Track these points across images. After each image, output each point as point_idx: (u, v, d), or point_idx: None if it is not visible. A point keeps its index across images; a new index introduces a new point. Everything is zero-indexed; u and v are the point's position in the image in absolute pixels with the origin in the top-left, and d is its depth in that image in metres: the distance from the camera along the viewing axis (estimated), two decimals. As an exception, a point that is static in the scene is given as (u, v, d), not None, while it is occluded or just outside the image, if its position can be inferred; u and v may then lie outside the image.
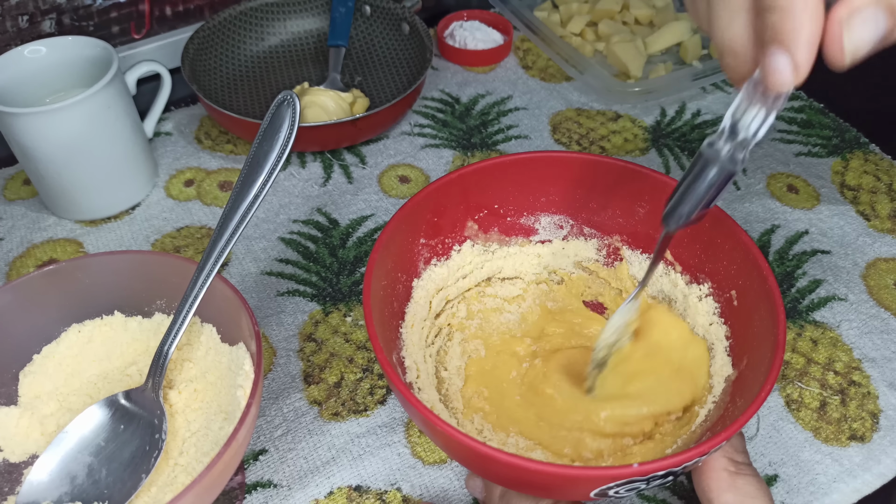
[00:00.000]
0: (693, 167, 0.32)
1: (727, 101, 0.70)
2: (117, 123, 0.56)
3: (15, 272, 0.55)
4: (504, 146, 0.66)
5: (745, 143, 0.31)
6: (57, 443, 0.39)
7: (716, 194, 0.32)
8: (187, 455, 0.40)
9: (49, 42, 0.57)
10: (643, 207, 0.46)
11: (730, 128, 0.31)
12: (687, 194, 0.33)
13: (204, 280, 0.39)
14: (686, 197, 0.33)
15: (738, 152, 0.31)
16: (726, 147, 0.31)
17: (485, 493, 0.41)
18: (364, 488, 0.43)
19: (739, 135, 0.31)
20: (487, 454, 0.31)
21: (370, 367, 0.49)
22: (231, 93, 0.70)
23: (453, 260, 0.47)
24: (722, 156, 0.31)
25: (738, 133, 0.31)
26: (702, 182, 0.32)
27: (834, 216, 0.59)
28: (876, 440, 0.45)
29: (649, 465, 0.31)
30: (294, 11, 0.76)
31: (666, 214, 0.34)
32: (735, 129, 0.31)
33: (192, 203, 0.61)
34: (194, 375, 0.43)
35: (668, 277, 0.46)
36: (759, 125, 0.30)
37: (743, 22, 0.29)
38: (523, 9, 0.77)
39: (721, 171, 0.31)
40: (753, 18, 0.29)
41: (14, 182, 0.63)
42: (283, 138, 0.40)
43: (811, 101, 0.70)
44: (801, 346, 0.50)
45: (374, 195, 0.61)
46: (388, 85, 0.71)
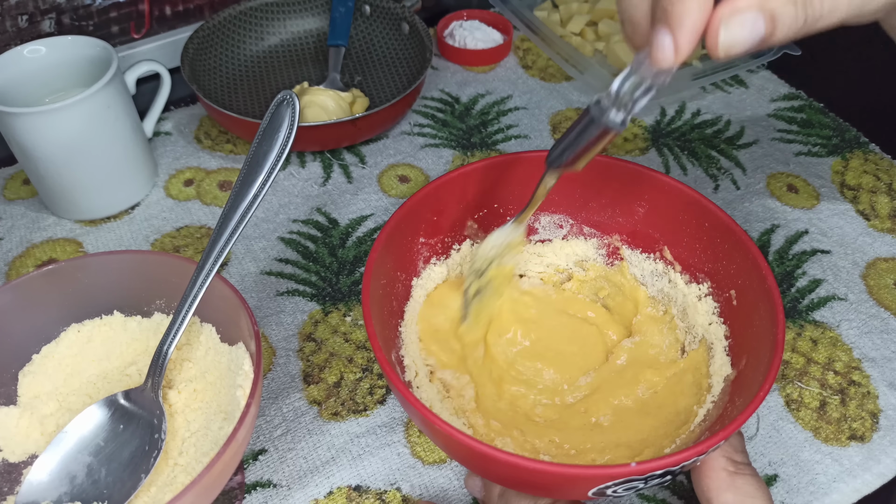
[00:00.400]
0: (579, 120, 0.35)
1: (727, 100, 0.70)
2: (117, 123, 0.56)
3: (14, 272, 0.55)
4: (504, 146, 0.66)
5: (626, 106, 0.34)
6: (56, 443, 0.39)
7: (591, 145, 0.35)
8: (187, 455, 0.40)
9: (49, 42, 0.57)
10: (643, 207, 0.46)
11: (616, 91, 0.34)
12: (568, 142, 0.36)
13: (203, 280, 0.39)
14: (566, 144, 0.36)
15: (620, 114, 0.34)
16: (611, 108, 0.34)
17: (484, 493, 0.41)
18: (364, 488, 0.43)
19: (623, 98, 0.33)
20: (485, 453, 0.31)
21: (370, 366, 0.49)
22: (231, 92, 0.70)
23: (453, 259, 0.47)
24: (605, 115, 0.34)
25: (622, 96, 0.33)
26: (584, 134, 0.35)
27: (834, 216, 0.59)
28: (876, 440, 0.45)
29: (647, 464, 0.31)
30: (294, 11, 0.76)
31: (548, 155, 0.38)
32: (620, 93, 0.33)
33: (191, 203, 0.61)
34: (194, 375, 0.43)
35: (667, 277, 0.46)
36: (642, 94, 0.33)
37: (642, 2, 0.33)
38: (523, 8, 0.77)
39: (599, 125, 0.34)
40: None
41: (14, 182, 0.63)
42: (282, 138, 0.40)
43: (811, 101, 0.70)
44: (801, 345, 0.50)
45: (374, 195, 0.61)
46: (388, 84, 0.71)
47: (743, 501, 0.35)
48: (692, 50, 0.30)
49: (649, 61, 0.31)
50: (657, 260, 0.46)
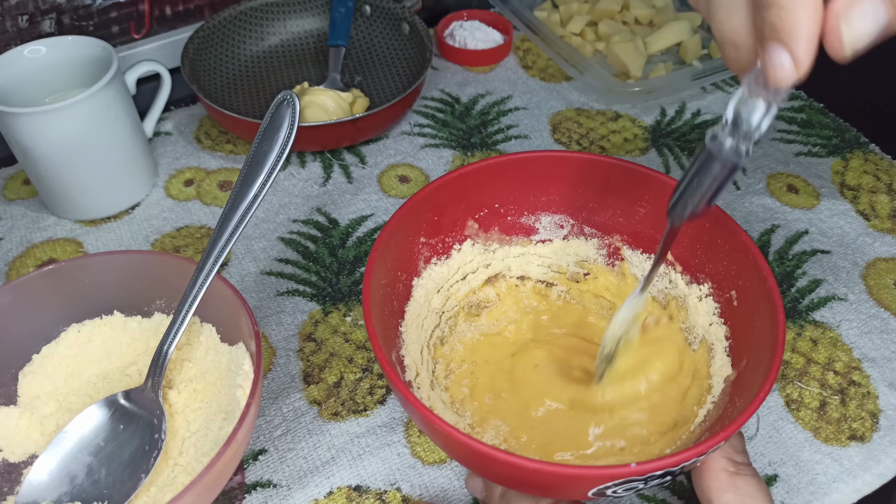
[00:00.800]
0: (696, 160, 0.32)
1: (727, 100, 0.70)
2: (117, 123, 0.56)
3: (14, 272, 0.55)
4: (504, 146, 0.66)
5: (748, 135, 0.31)
6: (56, 443, 0.39)
7: (720, 187, 0.32)
8: (187, 455, 0.40)
9: (49, 42, 0.57)
10: (644, 207, 0.46)
11: (732, 120, 0.31)
12: (691, 187, 0.33)
13: (203, 280, 0.39)
14: (690, 190, 0.33)
15: (742, 144, 0.31)
16: (729, 139, 0.31)
17: (485, 493, 0.41)
18: (364, 488, 0.43)
19: (742, 127, 0.30)
20: (486, 453, 0.31)
21: (370, 366, 0.49)
22: (231, 93, 0.70)
23: (454, 259, 0.47)
24: (725, 148, 0.31)
25: (740, 125, 0.30)
26: (706, 175, 0.32)
27: (834, 216, 0.59)
28: (876, 440, 0.45)
29: (647, 464, 0.31)
30: (294, 11, 0.76)
31: (671, 208, 0.34)
32: (738, 121, 0.30)
33: (191, 203, 0.61)
34: (194, 375, 0.43)
35: (667, 277, 0.46)
36: (762, 117, 0.30)
37: (742, 15, 0.29)
38: (523, 9, 0.77)
39: (724, 163, 0.31)
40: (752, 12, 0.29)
41: (14, 182, 0.63)
42: (282, 138, 0.40)
43: (811, 101, 0.70)
44: (801, 345, 0.50)
45: (374, 195, 0.61)
46: (388, 85, 0.71)
47: (743, 502, 0.35)
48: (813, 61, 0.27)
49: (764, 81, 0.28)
50: (657, 260, 0.46)
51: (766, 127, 0.30)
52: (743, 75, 0.30)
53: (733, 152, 0.31)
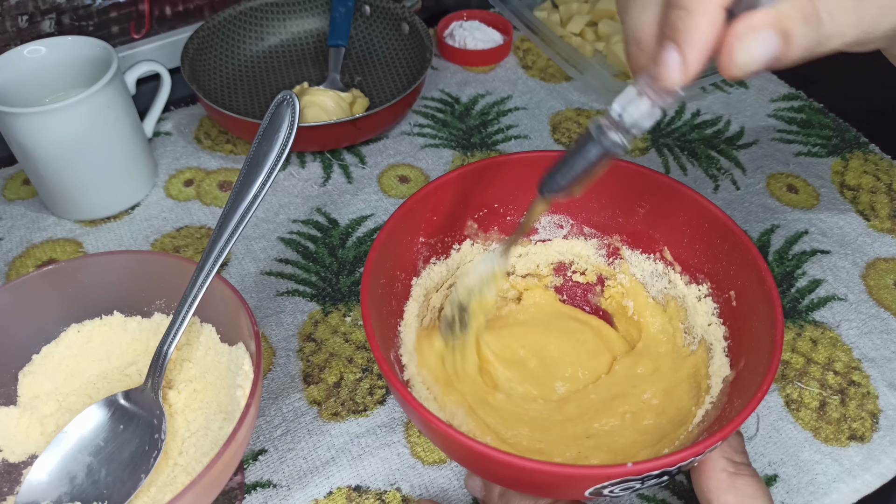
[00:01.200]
0: (577, 142, 0.34)
1: (727, 100, 0.70)
2: (117, 123, 0.56)
3: (14, 272, 0.55)
4: (504, 146, 0.66)
5: (628, 131, 0.32)
6: (56, 443, 0.39)
7: (589, 170, 0.34)
8: (187, 455, 0.40)
9: (49, 42, 0.57)
10: (643, 207, 0.46)
11: (618, 114, 0.32)
12: (565, 166, 0.35)
13: (203, 280, 0.39)
14: (564, 169, 0.35)
15: (622, 137, 0.33)
16: (611, 130, 0.33)
17: (484, 492, 0.41)
18: (363, 488, 0.43)
19: (625, 122, 0.32)
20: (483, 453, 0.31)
21: (369, 366, 0.49)
22: (231, 93, 0.70)
23: (453, 259, 0.47)
24: (605, 137, 0.33)
25: (624, 119, 0.32)
26: (582, 158, 0.34)
27: (834, 216, 0.59)
28: (875, 440, 0.45)
29: (643, 464, 0.31)
30: (294, 11, 0.76)
31: (542, 181, 0.36)
32: (622, 115, 0.32)
33: (191, 203, 0.61)
34: (194, 375, 0.43)
35: (667, 277, 0.46)
36: (645, 117, 0.32)
37: (652, 15, 0.31)
38: (523, 8, 0.77)
39: (600, 151, 0.33)
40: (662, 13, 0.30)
41: (14, 182, 0.63)
42: (282, 138, 0.40)
43: (811, 101, 0.70)
44: (801, 345, 0.50)
45: (374, 195, 0.61)
46: (388, 85, 0.71)
47: (743, 502, 0.35)
48: (700, 69, 0.29)
49: (654, 81, 0.30)
50: (657, 260, 0.46)
51: (648, 126, 0.32)
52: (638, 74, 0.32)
53: (611, 143, 0.33)
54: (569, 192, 0.36)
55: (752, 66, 0.29)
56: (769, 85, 0.72)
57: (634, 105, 0.32)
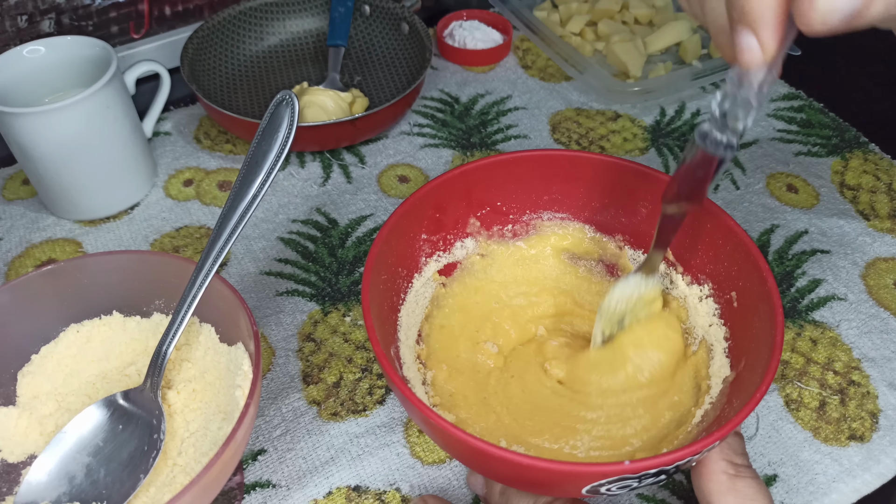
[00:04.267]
0: (688, 152, 0.34)
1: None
2: (116, 123, 0.56)
3: (14, 272, 0.55)
4: (503, 146, 0.66)
5: (735, 131, 0.32)
6: (55, 443, 0.39)
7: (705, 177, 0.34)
8: (186, 455, 0.40)
9: (48, 42, 0.57)
10: (645, 207, 0.46)
11: (719, 115, 0.32)
12: (680, 177, 0.35)
13: (202, 280, 0.39)
14: (679, 179, 0.35)
15: (725, 135, 0.32)
16: (717, 134, 0.32)
17: (485, 490, 0.41)
18: (363, 488, 0.43)
19: (728, 120, 0.32)
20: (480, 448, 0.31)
21: (369, 366, 0.49)
22: (230, 92, 0.70)
23: (455, 256, 0.47)
24: (712, 143, 0.32)
25: (727, 121, 0.32)
26: (696, 167, 0.33)
27: (833, 216, 0.59)
28: (875, 440, 0.45)
29: (640, 462, 0.31)
30: (293, 11, 0.76)
31: (664, 194, 0.37)
32: (722, 113, 0.32)
33: (190, 203, 0.61)
34: (193, 375, 0.43)
35: (668, 278, 0.46)
36: (747, 112, 0.31)
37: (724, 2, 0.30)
38: (523, 8, 0.77)
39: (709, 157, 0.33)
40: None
41: (13, 182, 0.63)
42: (281, 138, 0.40)
43: (811, 101, 0.70)
44: (801, 345, 0.50)
45: (374, 195, 0.61)
46: (388, 84, 0.71)
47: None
48: (781, 44, 0.28)
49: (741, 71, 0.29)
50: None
51: (752, 121, 0.31)
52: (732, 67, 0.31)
53: (716, 144, 0.32)
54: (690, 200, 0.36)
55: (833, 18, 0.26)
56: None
57: (730, 100, 0.31)
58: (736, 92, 0.31)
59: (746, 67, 0.29)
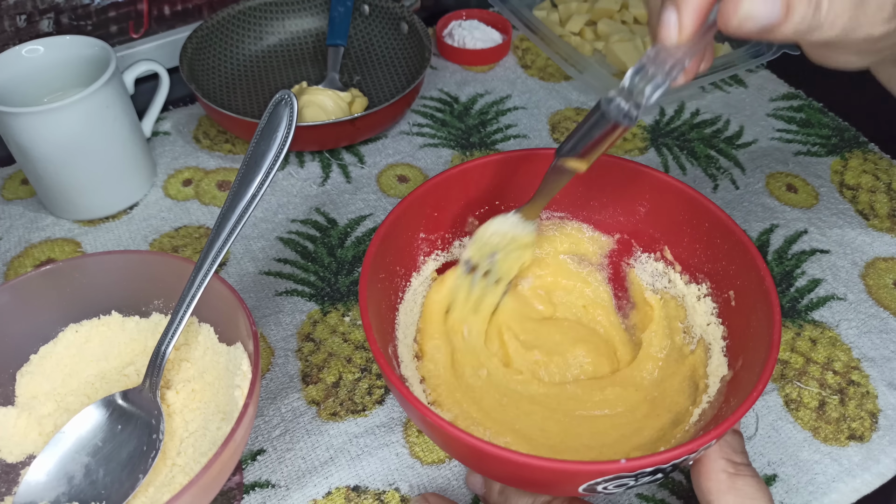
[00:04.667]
0: (590, 114, 0.35)
1: (726, 100, 0.70)
2: (115, 123, 0.55)
3: (13, 272, 0.55)
4: (503, 145, 0.66)
5: (637, 101, 0.34)
6: (54, 443, 0.39)
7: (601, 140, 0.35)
8: (185, 455, 0.40)
9: (47, 41, 0.57)
10: (644, 206, 0.46)
11: (628, 87, 0.34)
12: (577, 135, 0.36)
13: (202, 280, 0.39)
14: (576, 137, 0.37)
15: (629, 106, 0.34)
16: (621, 103, 0.34)
17: (484, 490, 0.41)
18: (362, 488, 0.43)
19: (634, 91, 0.33)
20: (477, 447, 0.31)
21: (368, 366, 0.49)
22: (229, 92, 0.70)
23: (453, 255, 0.47)
24: (614, 109, 0.34)
25: (633, 93, 0.33)
26: (593, 128, 0.35)
27: (833, 215, 0.59)
28: (875, 440, 0.45)
29: (637, 461, 0.31)
30: (293, 11, 0.76)
31: (558, 149, 0.38)
32: (633, 89, 0.33)
33: (190, 203, 0.61)
34: (192, 375, 0.43)
35: (667, 277, 0.46)
36: (653, 88, 0.33)
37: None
38: (522, 8, 0.77)
39: (608, 120, 0.34)
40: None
41: (12, 182, 0.63)
42: (280, 138, 0.40)
43: (810, 101, 0.70)
44: (800, 345, 0.50)
45: (373, 195, 0.61)
46: (387, 84, 0.71)
47: (743, 503, 0.35)
48: (696, 28, 0.31)
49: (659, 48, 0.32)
50: (657, 260, 0.46)
51: (656, 97, 0.33)
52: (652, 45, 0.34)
53: (622, 115, 0.34)
54: (579, 158, 0.37)
55: (749, 24, 0.30)
56: (768, 84, 0.72)
57: (641, 74, 0.33)
58: (649, 67, 0.33)
59: (662, 41, 0.31)
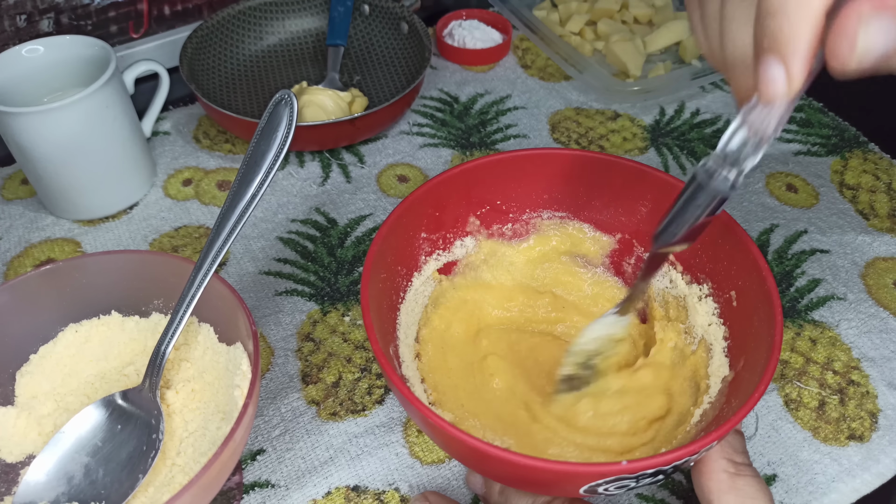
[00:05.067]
0: (686, 188, 0.33)
1: (726, 99, 0.70)
2: (115, 123, 0.55)
3: (13, 272, 0.55)
4: (503, 145, 0.66)
5: (739, 169, 0.31)
6: (54, 443, 0.39)
7: (706, 215, 0.33)
8: (185, 455, 0.40)
9: (47, 41, 0.56)
10: (645, 206, 0.46)
11: (724, 151, 0.31)
12: (678, 215, 0.33)
13: (201, 280, 0.39)
14: (677, 218, 0.33)
15: (732, 176, 0.31)
16: (720, 170, 0.31)
17: (484, 490, 0.41)
18: (362, 488, 0.43)
19: (732, 159, 0.31)
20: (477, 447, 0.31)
21: (368, 366, 0.49)
22: (229, 92, 0.70)
23: (455, 255, 0.47)
24: (714, 179, 0.31)
25: (731, 157, 0.31)
26: (692, 204, 0.32)
27: (833, 215, 0.59)
28: (875, 440, 0.45)
29: (638, 462, 0.31)
30: (293, 11, 0.76)
31: (657, 233, 0.35)
32: (729, 153, 0.31)
33: (190, 202, 0.61)
34: (192, 375, 0.43)
35: (668, 277, 0.46)
36: (753, 149, 0.30)
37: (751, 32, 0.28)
38: (522, 8, 0.77)
39: (712, 195, 0.32)
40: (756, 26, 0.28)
41: (12, 182, 0.63)
42: (280, 137, 0.40)
43: (810, 101, 0.70)
44: (800, 345, 0.50)
45: (373, 194, 0.61)
46: (387, 84, 0.71)
47: (744, 503, 0.35)
48: (807, 78, 0.26)
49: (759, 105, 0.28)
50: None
51: (756, 161, 0.30)
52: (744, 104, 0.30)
53: (722, 184, 0.31)
54: (685, 242, 0.34)
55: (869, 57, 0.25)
56: (768, 84, 0.72)
57: (743, 141, 0.30)
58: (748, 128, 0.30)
59: (770, 100, 0.27)
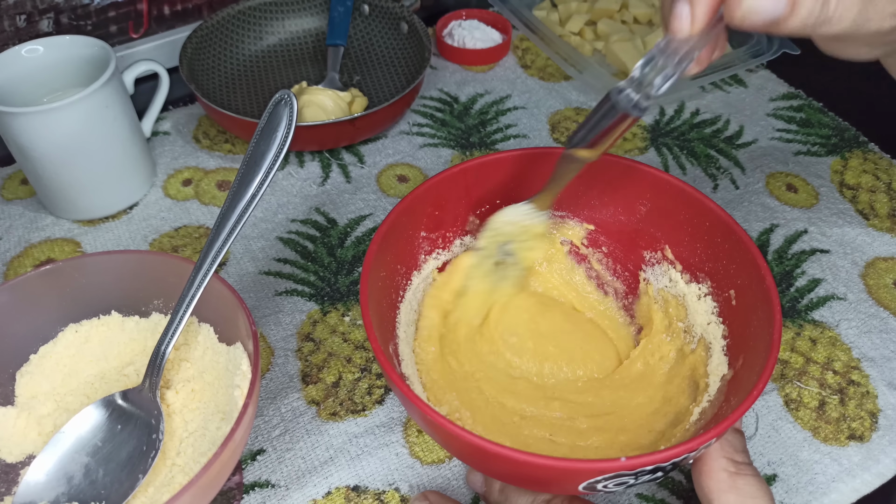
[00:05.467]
0: (600, 105, 0.36)
1: (726, 100, 0.70)
2: (115, 123, 0.55)
3: (12, 272, 0.55)
4: (503, 145, 0.66)
5: (646, 91, 0.34)
6: (54, 443, 0.39)
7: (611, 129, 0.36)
8: (184, 455, 0.40)
9: (47, 41, 0.56)
10: (645, 205, 0.46)
11: (638, 78, 0.34)
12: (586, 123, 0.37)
13: (201, 280, 0.39)
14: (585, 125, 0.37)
15: (641, 101, 0.34)
16: (631, 93, 0.34)
17: (485, 488, 0.41)
18: (362, 488, 0.43)
19: (643, 81, 0.34)
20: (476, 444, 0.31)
21: (368, 366, 0.49)
22: (229, 92, 0.70)
23: (454, 254, 0.47)
24: (624, 100, 0.35)
25: (643, 83, 0.34)
26: (598, 114, 0.36)
27: (833, 215, 0.59)
28: (875, 440, 0.45)
29: (636, 459, 0.31)
30: (292, 11, 0.76)
31: (569, 137, 0.39)
32: (642, 80, 0.34)
33: (189, 203, 0.61)
34: (192, 375, 0.43)
35: (668, 276, 0.46)
36: (663, 79, 0.34)
37: None
38: (522, 8, 0.77)
39: (615, 108, 0.35)
40: None
41: (12, 182, 0.63)
42: (280, 137, 0.40)
43: (810, 101, 0.70)
44: (800, 345, 0.50)
45: (373, 194, 0.61)
46: (387, 84, 0.71)
47: (745, 502, 0.35)
48: (707, 21, 0.31)
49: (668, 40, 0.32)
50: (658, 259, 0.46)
51: (665, 89, 0.34)
52: None
53: (631, 106, 0.35)
54: (589, 146, 0.37)
55: (754, 17, 0.30)
56: (768, 84, 0.72)
57: (651, 65, 0.34)
58: (659, 59, 0.33)
59: (674, 33, 0.32)
